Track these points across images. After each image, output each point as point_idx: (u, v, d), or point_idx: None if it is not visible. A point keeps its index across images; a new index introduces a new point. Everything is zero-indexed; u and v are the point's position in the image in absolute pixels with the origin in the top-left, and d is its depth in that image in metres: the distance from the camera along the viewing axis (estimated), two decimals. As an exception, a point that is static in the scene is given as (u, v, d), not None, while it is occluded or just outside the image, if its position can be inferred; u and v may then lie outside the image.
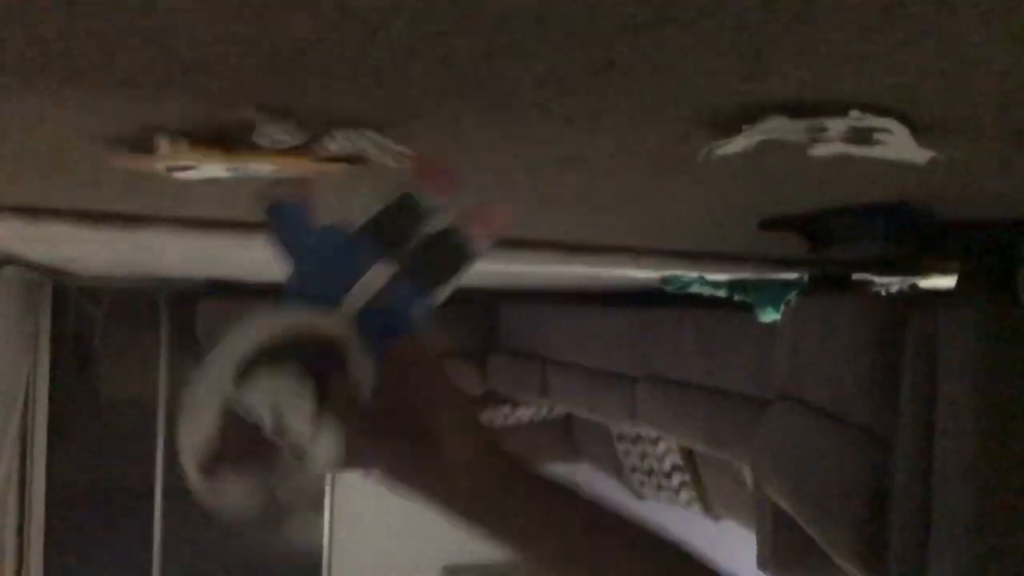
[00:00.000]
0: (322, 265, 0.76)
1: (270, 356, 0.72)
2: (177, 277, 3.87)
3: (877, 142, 0.83)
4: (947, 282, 2.14)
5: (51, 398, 3.98)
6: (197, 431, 0.69)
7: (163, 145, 0.88)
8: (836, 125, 0.79)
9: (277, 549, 5.40)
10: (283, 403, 0.71)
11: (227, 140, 0.87)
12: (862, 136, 0.81)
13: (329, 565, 5.57)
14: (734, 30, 0.64)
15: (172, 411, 4.34)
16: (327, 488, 5.52)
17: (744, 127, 0.81)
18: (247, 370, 0.71)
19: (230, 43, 0.66)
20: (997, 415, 1.19)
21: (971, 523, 1.20)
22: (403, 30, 0.64)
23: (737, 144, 0.86)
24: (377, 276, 0.75)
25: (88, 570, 4.47)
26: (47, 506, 4.05)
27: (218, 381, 0.70)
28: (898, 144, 0.83)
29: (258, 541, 5.22)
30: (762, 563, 2.23)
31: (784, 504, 1.95)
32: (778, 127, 0.79)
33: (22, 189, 1.32)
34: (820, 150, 0.86)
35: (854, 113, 0.76)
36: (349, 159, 0.98)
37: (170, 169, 0.98)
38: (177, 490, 4.47)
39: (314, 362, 0.72)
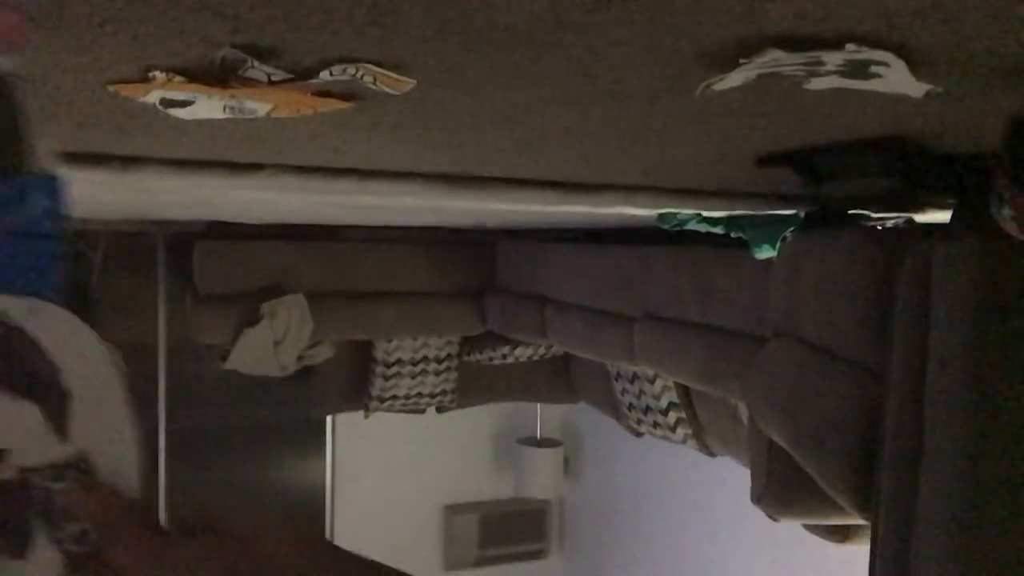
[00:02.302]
0: None
1: None
2: (174, 219, 3.87)
3: (874, 75, 0.83)
4: (943, 217, 2.14)
5: (51, 342, 4.00)
6: None
7: (159, 76, 0.88)
8: (833, 58, 0.79)
9: (281, 487, 5.48)
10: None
11: (222, 74, 0.87)
12: (859, 69, 0.81)
13: (332, 504, 5.65)
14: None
15: (172, 352, 4.36)
16: (328, 429, 5.58)
17: (742, 61, 0.81)
18: None
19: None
20: (989, 345, 1.21)
21: (963, 455, 1.23)
22: (399, -36, 0.63)
23: (735, 79, 0.86)
24: None
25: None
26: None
27: None
28: (895, 77, 0.83)
29: (262, 479, 5.30)
30: (757, 498, 2.27)
31: (779, 440, 1.98)
32: (775, 60, 0.79)
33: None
34: (817, 84, 0.86)
35: (851, 46, 0.76)
36: (347, 96, 0.98)
37: (165, 104, 0.98)
38: (180, 431, 4.53)
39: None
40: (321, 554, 0.59)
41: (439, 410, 4.96)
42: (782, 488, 2.18)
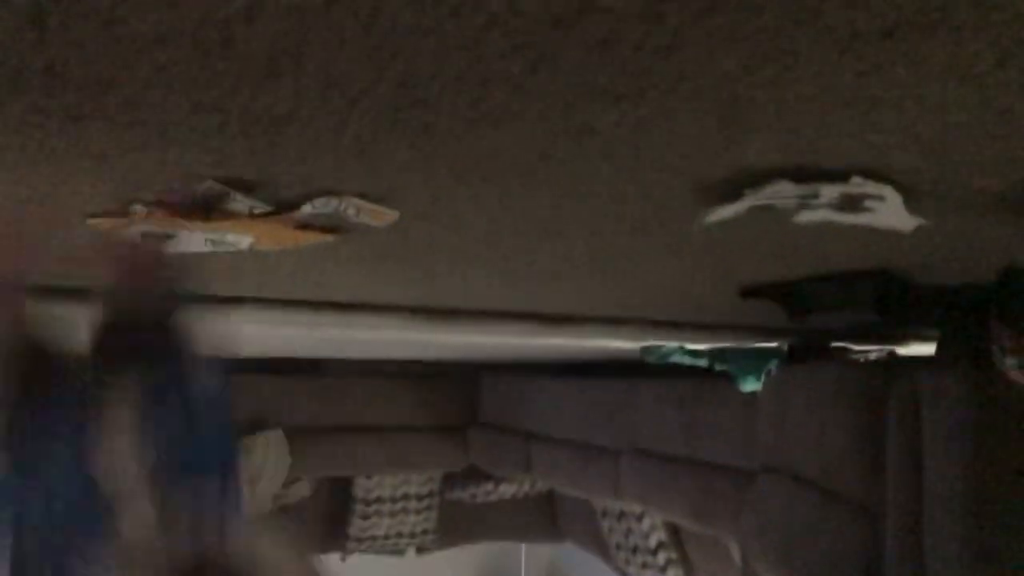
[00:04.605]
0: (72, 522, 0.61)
1: None
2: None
3: (865, 209, 0.82)
4: (926, 349, 2.14)
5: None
6: None
7: (138, 211, 0.87)
8: (830, 191, 0.78)
9: None
10: None
11: (204, 208, 0.86)
12: (852, 203, 0.81)
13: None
14: (713, 97, 0.64)
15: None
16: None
17: (746, 192, 0.80)
18: None
19: (206, 112, 0.66)
20: (986, 482, 1.18)
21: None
22: (385, 98, 0.64)
23: (728, 211, 0.85)
24: (132, 473, 0.61)
25: None
26: None
27: None
28: (887, 211, 0.83)
29: None
30: (752, 641, 2.17)
31: (773, 579, 1.91)
32: (779, 192, 0.78)
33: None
34: (806, 216, 0.86)
35: (856, 179, 0.76)
36: (329, 229, 0.98)
37: (146, 238, 0.97)
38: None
39: None
40: None
41: (419, 551, 4.80)
42: (778, 632, 2.09)
